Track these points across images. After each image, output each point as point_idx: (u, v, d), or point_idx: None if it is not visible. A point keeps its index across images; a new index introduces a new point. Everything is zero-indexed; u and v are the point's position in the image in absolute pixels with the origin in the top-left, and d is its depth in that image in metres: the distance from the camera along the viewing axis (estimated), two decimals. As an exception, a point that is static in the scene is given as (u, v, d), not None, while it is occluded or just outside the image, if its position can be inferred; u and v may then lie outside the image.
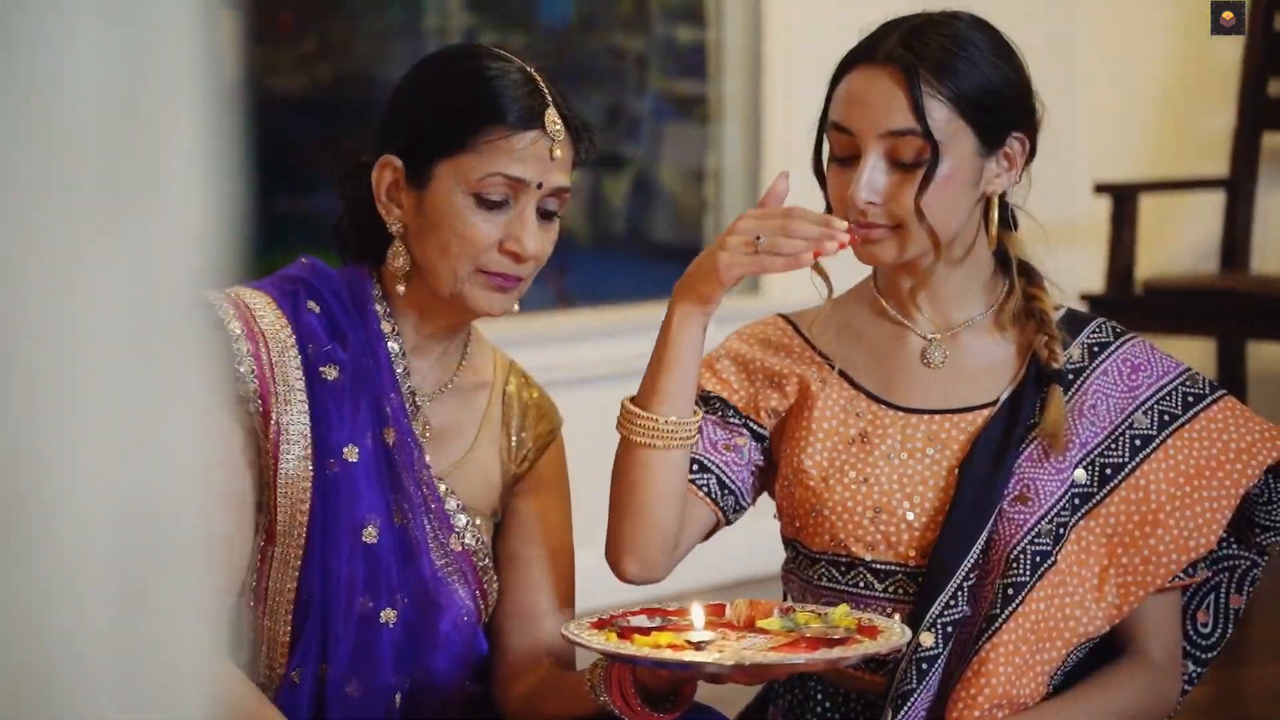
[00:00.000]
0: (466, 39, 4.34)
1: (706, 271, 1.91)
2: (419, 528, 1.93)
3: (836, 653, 1.73)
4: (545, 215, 1.93)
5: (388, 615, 1.90)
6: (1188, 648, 2.08)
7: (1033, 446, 1.99)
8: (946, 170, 1.94)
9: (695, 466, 2.04)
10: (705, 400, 2.07)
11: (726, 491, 2.05)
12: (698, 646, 1.74)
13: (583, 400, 4.00)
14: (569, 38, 4.45)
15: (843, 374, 2.06)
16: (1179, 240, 4.81)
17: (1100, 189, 4.33)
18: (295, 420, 1.88)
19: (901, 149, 1.93)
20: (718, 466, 2.05)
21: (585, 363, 4.01)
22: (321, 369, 1.90)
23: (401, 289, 1.94)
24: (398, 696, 1.92)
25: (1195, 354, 4.58)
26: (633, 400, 1.98)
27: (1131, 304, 4.22)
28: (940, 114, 1.93)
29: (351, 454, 1.89)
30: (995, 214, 2.01)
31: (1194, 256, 4.79)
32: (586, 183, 4.50)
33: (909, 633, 1.79)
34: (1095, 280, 4.49)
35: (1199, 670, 2.09)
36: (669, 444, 1.95)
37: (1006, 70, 1.98)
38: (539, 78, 1.93)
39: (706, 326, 1.95)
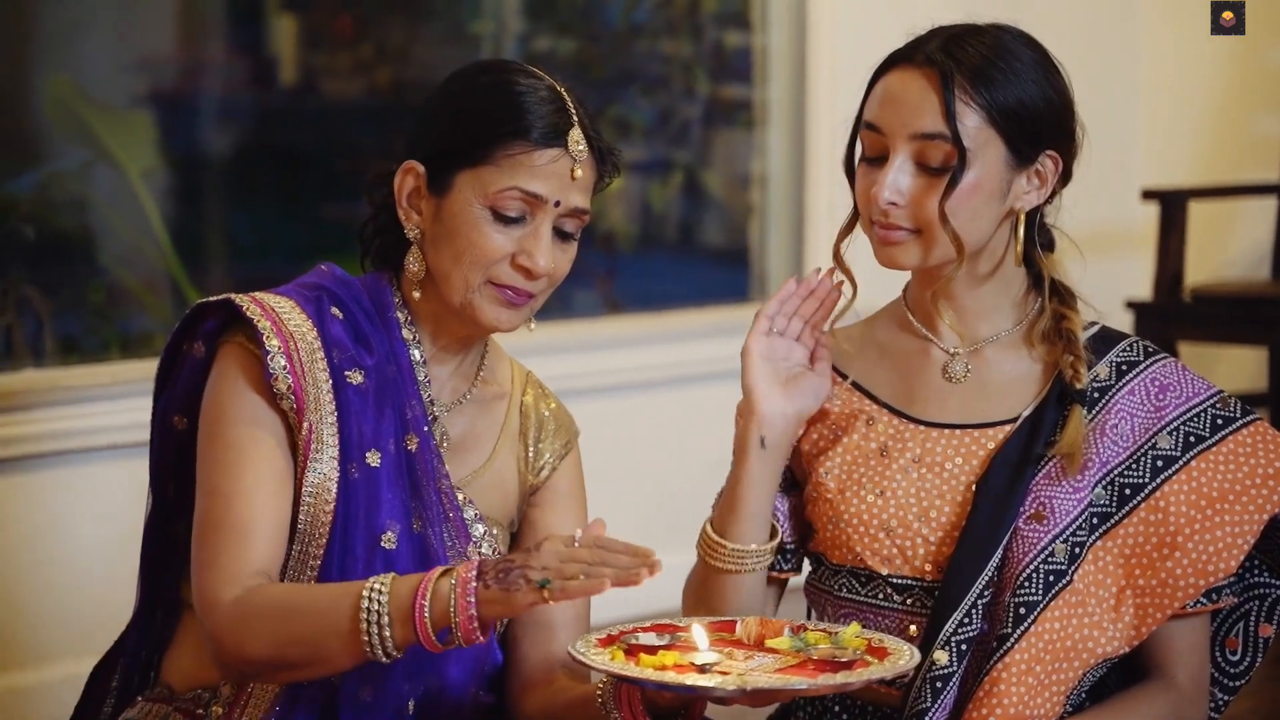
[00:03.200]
0: (521, 44, 4.35)
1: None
2: (437, 536, 1.94)
3: (840, 678, 1.71)
4: (563, 235, 1.93)
5: None
6: (1216, 675, 2.05)
7: (1051, 465, 1.97)
8: (973, 179, 1.93)
9: None
10: None
11: (784, 553, 2.08)
12: (701, 669, 1.73)
13: (628, 406, 4.01)
14: (619, 43, 4.45)
15: (857, 386, 2.05)
16: (1230, 247, 4.76)
17: (1148, 195, 4.28)
18: (325, 423, 1.89)
19: (929, 153, 1.93)
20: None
21: (632, 368, 4.01)
22: (347, 373, 1.91)
23: (417, 295, 1.95)
24: (411, 704, 1.92)
25: (1246, 363, 4.53)
26: (712, 524, 2.03)
27: (1179, 312, 4.16)
28: (971, 121, 1.92)
29: (374, 459, 1.90)
30: (1022, 231, 2.00)
31: (1245, 264, 4.73)
32: (634, 187, 4.50)
33: (918, 655, 1.77)
34: (1144, 287, 4.44)
35: (1226, 699, 2.06)
36: (741, 569, 2.02)
37: (1046, 88, 1.96)
38: (567, 97, 1.93)
39: (771, 463, 2.00)
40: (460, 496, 1.98)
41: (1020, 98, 1.94)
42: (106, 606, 2.81)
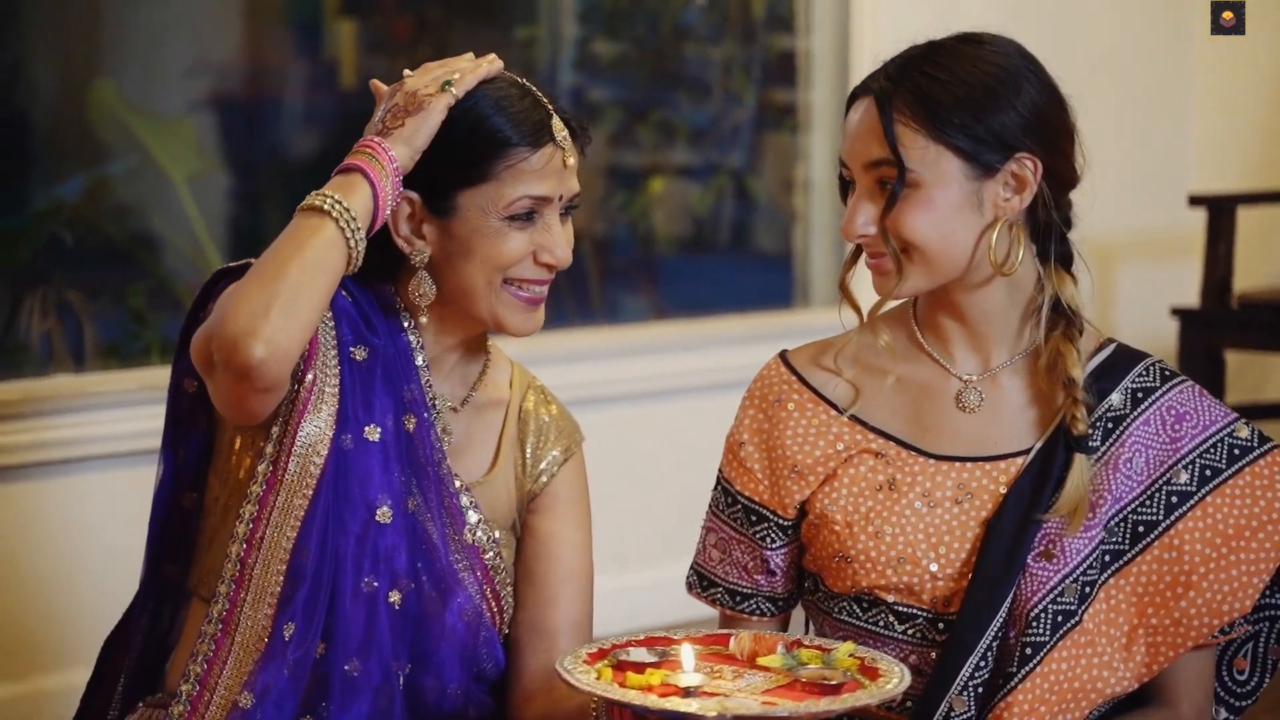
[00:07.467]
0: (576, 48, 4.36)
1: None
2: (431, 516, 1.96)
3: (824, 704, 1.68)
4: (562, 216, 1.99)
5: (394, 597, 1.92)
6: (1222, 694, 2.02)
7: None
8: (930, 195, 1.90)
9: (737, 597, 2.06)
10: (729, 496, 2.06)
11: (777, 602, 2.07)
12: (686, 691, 1.71)
13: (672, 411, 4.00)
14: (667, 46, 4.45)
15: (856, 419, 2.01)
16: (1280, 254, 4.70)
17: (1196, 201, 4.21)
18: (328, 383, 1.92)
19: (885, 178, 1.92)
20: (756, 588, 2.07)
21: (677, 373, 4.01)
22: (352, 349, 1.95)
23: (424, 320, 1.98)
24: (400, 679, 1.94)
25: (1297, 371, 4.47)
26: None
27: (1227, 319, 4.10)
28: (915, 141, 1.90)
29: (373, 433, 1.93)
30: (995, 237, 1.92)
31: (1297, 270, 4.67)
32: (681, 192, 4.49)
33: (908, 678, 1.74)
34: (1191, 294, 4.39)
35: (1231, 718, 2.02)
36: None
37: (1007, 92, 1.90)
38: (532, 86, 1.97)
39: None
40: (457, 483, 2.00)
41: (967, 108, 1.89)
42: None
